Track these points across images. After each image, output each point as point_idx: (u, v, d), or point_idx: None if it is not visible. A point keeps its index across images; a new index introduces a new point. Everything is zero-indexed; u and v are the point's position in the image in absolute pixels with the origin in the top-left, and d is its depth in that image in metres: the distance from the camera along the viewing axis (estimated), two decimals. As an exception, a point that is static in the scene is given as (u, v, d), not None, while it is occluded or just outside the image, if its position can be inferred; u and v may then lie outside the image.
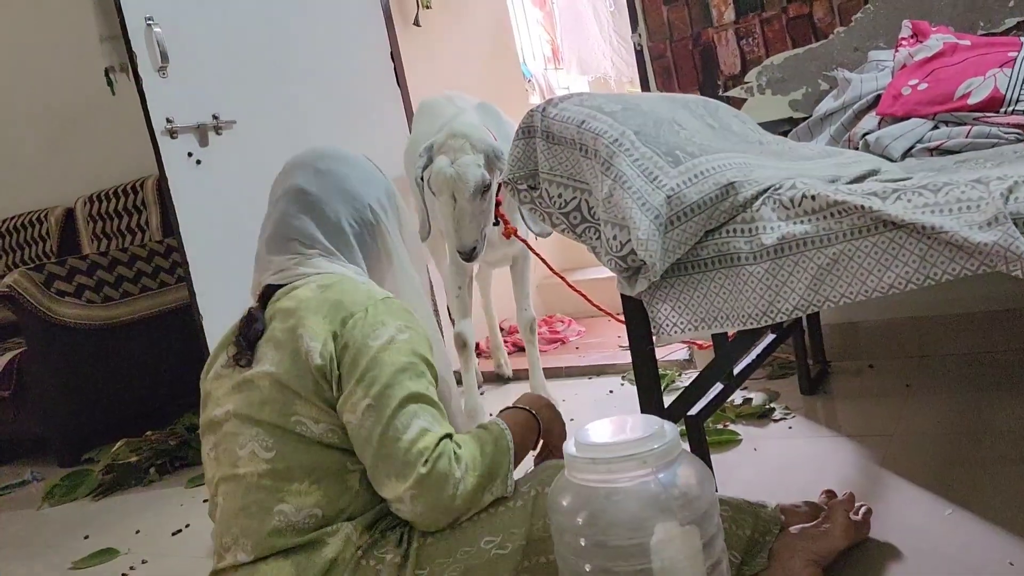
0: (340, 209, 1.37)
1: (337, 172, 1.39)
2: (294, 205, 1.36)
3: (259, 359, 1.26)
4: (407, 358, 1.22)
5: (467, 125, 2.28)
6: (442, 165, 2.25)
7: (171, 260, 3.54)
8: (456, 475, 1.16)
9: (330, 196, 1.37)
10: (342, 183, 1.38)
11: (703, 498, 1.03)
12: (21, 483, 3.22)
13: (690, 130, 1.44)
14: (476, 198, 2.24)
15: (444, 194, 2.28)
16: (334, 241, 1.36)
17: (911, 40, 2.15)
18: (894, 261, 1.15)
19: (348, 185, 1.38)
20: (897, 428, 1.93)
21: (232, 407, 1.27)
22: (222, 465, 1.28)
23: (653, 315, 1.35)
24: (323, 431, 1.21)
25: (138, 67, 2.49)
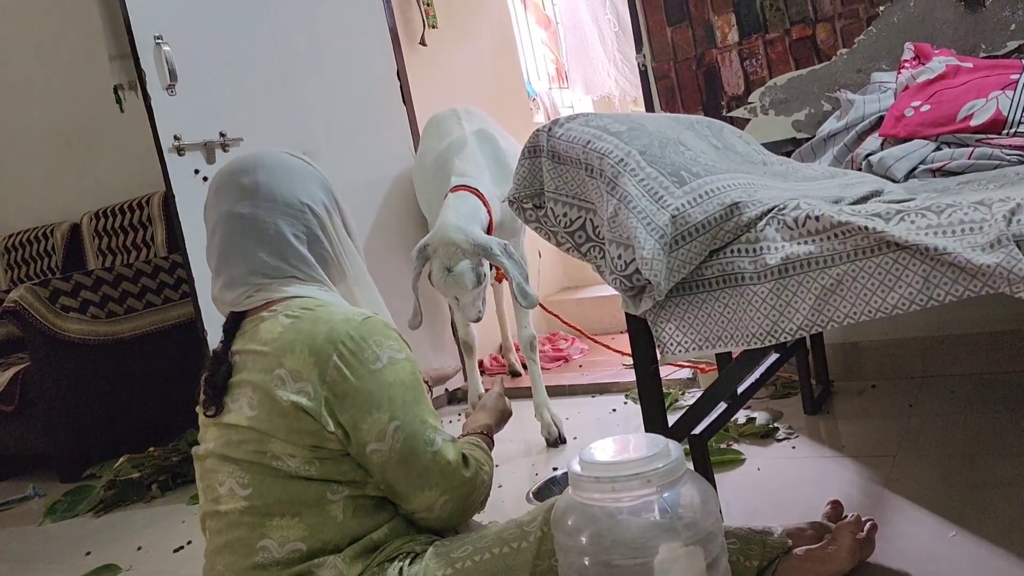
0: (279, 223, 1.27)
1: (262, 183, 1.28)
2: (231, 233, 1.27)
3: (236, 398, 1.23)
4: (411, 377, 1.24)
5: (455, 230, 2.42)
6: (441, 275, 2.45)
7: (175, 276, 3.55)
8: (484, 477, 1.31)
9: (264, 213, 1.27)
10: (271, 193, 1.28)
11: (707, 518, 1.04)
12: (23, 498, 3.22)
13: (695, 150, 1.45)
14: (476, 288, 2.47)
15: (448, 295, 2.52)
16: (286, 260, 1.27)
17: (913, 62, 2.17)
18: (897, 282, 1.16)
19: (278, 193, 1.28)
20: (900, 448, 1.93)
21: (212, 444, 1.26)
22: (207, 500, 1.27)
23: (658, 334, 1.36)
24: (299, 464, 1.20)
25: (147, 85, 2.52)
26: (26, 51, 4.06)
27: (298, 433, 1.19)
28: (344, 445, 1.21)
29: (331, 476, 1.21)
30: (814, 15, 2.42)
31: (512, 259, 2.43)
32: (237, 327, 1.29)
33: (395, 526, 1.26)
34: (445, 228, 2.45)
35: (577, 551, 1.02)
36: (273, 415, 1.19)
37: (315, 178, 1.34)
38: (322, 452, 1.20)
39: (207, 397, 1.26)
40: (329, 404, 1.18)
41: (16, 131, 4.27)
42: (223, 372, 1.25)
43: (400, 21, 3.46)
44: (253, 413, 1.21)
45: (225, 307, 1.31)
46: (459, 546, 1.22)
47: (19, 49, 4.09)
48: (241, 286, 1.27)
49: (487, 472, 1.33)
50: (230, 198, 1.29)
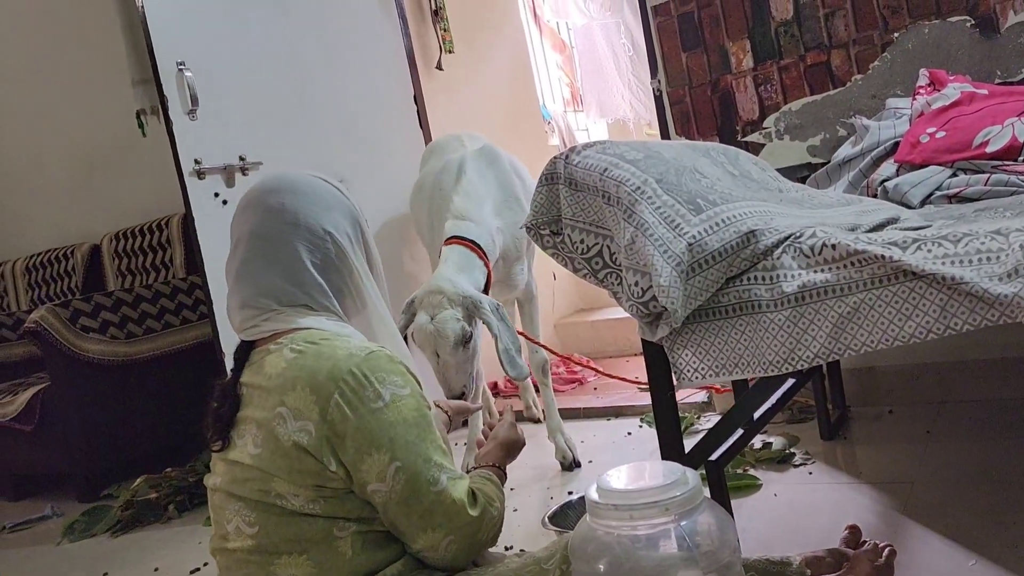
0: (298, 248, 1.25)
1: (288, 206, 1.26)
2: (250, 253, 1.26)
3: (242, 434, 1.21)
4: (415, 413, 1.19)
5: (443, 279, 2.32)
6: (422, 322, 2.28)
7: (194, 297, 3.58)
8: (492, 514, 1.25)
9: (284, 236, 1.24)
10: (295, 217, 1.25)
11: (725, 547, 1.04)
12: (41, 518, 3.24)
13: (711, 178, 1.47)
14: (457, 350, 2.26)
15: (427, 349, 2.30)
16: (299, 286, 1.25)
17: (928, 88, 2.18)
18: (915, 311, 1.16)
19: (302, 217, 1.26)
20: (918, 474, 1.92)
21: (220, 480, 1.25)
22: (216, 535, 1.26)
23: (674, 360, 1.37)
24: (303, 503, 1.18)
25: (169, 110, 2.56)
26: (51, 76, 4.13)
27: (300, 473, 1.16)
28: (347, 484, 1.18)
29: (337, 513, 1.19)
30: (828, 41, 2.44)
31: (504, 322, 2.30)
32: (247, 357, 1.27)
33: (409, 561, 1.23)
34: (435, 279, 2.34)
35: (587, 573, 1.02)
36: (276, 455, 1.17)
37: (343, 207, 1.31)
38: (326, 491, 1.18)
39: (213, 431, 1.24)
40: (330, 443, 1.15)
41: (40, 154, 4.34)
42: (229, 406, 1.23)
43: (417, 45, 3.50)
44: (257, 451, 1.19)
45: (235, 325, 1.30)
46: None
47: (44, 73, 4.16)
48: (250, 308, 1.26)
49: (497, 509, 1.26)
50: (254, 217, 1.27)
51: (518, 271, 2.74)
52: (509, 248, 2.67)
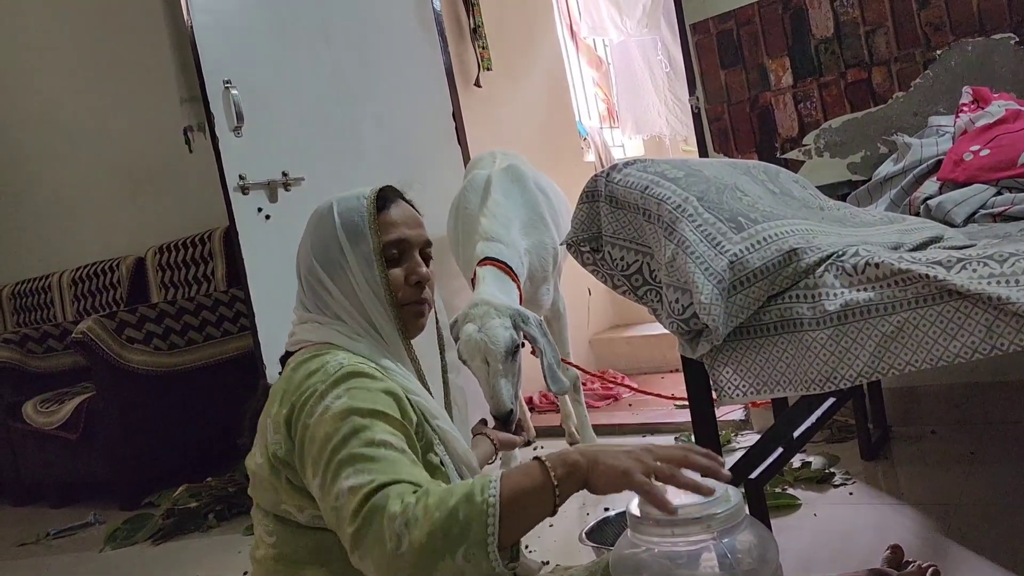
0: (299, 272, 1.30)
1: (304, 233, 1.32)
2: None
3: (257, 442, 1.21)
4: (335, 424, 1.09)
5: (488, 294, 2.33)
6: (470, 332, 2.26)
7: (235, 310, 3.65)
8: (395, 527, 0.96)
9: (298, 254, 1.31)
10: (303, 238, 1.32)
11: (766, 565, 1.03)
12: (84, 525, 3.30)
13: (752, 196, 1.47)
14: (508, 359, 2.24)
15: (475, 359, 2.27)
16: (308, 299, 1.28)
17: (972, 106, 2.16)
18: (960, 330, 1.15)
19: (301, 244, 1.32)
20: (962, 497, 1.89)
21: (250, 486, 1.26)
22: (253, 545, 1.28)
23: (715, 378, 1.37)
24: (309, 518, 1.16)
25: (215, 127, 2.62)
26: (101, 93, 4.25)
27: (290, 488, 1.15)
28: None
29: None
30: (870, 58, 2.43)
31: (547, 337, 2.30)
32: None
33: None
34: (479, 295, 2.35)
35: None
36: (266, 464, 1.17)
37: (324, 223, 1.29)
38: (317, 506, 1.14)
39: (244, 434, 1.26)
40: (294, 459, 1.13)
41: (89, 169, 4.46)
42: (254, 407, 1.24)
43: (456, 63, 3.54)
44: (260, 461, 1.19)
45: None
46: None
47: (94, 91, 4.28)
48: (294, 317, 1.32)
49: (427, 532, 0.95)
50: None
51: (544, 291, 2.75)
52: (535, 268, 2.68)
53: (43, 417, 3.53)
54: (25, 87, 4.66)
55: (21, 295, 4.74)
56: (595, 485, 0.99)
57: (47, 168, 4.68)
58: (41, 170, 4.72)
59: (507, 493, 0.96)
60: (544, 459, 1.01)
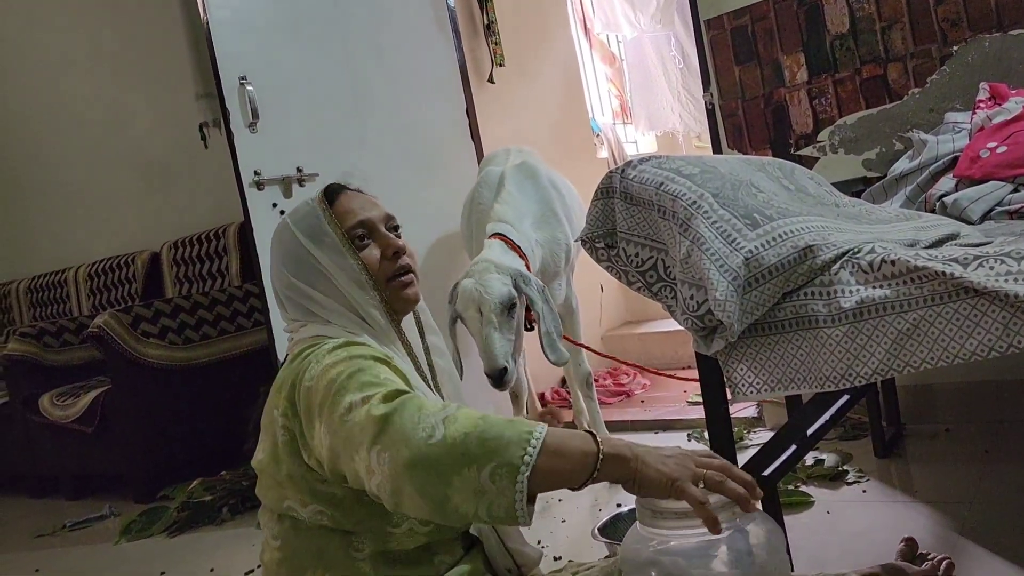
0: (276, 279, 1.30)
1: None
2: None
3: (261, 439, 1.22)
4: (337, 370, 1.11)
5: (491, 257, 2.32)
6: (467, 284, 2.25)
7: (248, 305, 3.67)
8: (431, 419, 0.96)
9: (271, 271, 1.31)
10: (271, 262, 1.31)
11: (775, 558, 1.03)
12: (99, 517, 3.34)
13: (767, 193, 1.47)
14: (503, 313, 2.21)
15: (470, 309, 2.24)
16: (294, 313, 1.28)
17: (989, 103, 2.14)
18: (976, 328, 1.15)
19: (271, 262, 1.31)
20: (976, 495, 1.88)
21: None
22: None
23: (729, 374, 1.37)
24: (312, 513, 1.17)
25: (231, 123, 2.64)
26: (117, 90, 4.27)
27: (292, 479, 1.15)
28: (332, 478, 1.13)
29: (345, 525, 1.16)
30: (885, 54, 2.42)
31: (548, 305, 2.26)
32: None
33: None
34: (481, 258, 2.34)
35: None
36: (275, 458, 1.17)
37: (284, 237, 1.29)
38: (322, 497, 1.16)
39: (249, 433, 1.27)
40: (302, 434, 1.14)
41: (104, 164, 4.49)
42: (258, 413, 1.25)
43: (469, 59, 3.55)
44: (262, 456, 1.20)
45: None
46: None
47: (110, 87, 4.30)
48: None
49: (463, 432, 0.94)
50: None
51: (556, 287, 2.74)
52: (548, 263, 2.67)
53: (59, 410, 3.57)
54: (42, 83, 4.69)
55: (37, 289, 4.79)
56: (639, 484, 0.97)
57: (63, 164, 4.72)
58: (57, 166, 4.76)
59: (552, 440, 0.95)
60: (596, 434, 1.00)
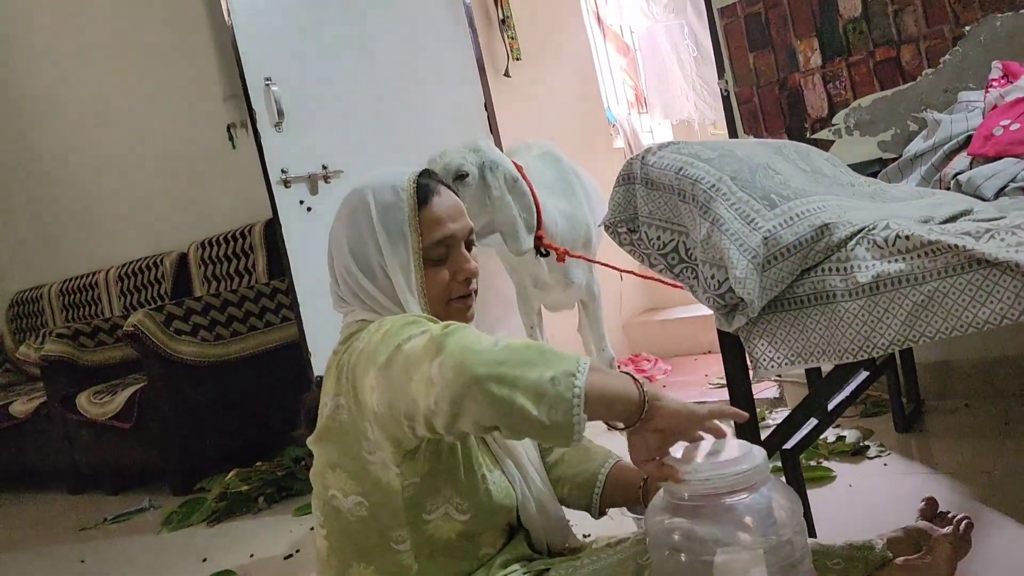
0: (337, 254, 1.29)
1: (335, 221, 1.31)
2: None
3: None
4: (388, 324, 1.13)
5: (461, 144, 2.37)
6: (431, 157, 2.33)
7: (276, 301, 3.75)
8: (488, 337, 1.02)
9: (330, 245, 1.31)
10: (334, 228, 1.31)
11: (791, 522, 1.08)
12: (139, 510, 3.43)
13: (784, 174, 1.52)
14: (455, 184, 2.22)
15: None
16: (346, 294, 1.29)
17: (1002, 81, 2.17)
18: (988, 297, 1.20)
19: (336, 230, 1.30)
20: (996, 465, 1.93)
21: None
22: None
23: (750, 350, 1.42)
24: (352, 505, 1.20)
25: (257, 123, 2.71)
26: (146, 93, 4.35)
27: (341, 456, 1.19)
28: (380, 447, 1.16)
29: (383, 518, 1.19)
30: (898, 36, 2.45)
31: (514, 195, 2.23)
32: None
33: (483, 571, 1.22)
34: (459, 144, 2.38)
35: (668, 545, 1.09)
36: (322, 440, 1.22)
37: (359, 219, 1.27)
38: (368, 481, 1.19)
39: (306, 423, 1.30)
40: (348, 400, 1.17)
41: (132, 167, 4.58)
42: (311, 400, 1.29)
43: (486, 54, 3.61)
44: (315, 438, 1.25)
45: None
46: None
47: (139, 91, 4.39)
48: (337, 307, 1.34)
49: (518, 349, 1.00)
50: None
51: (576, 271, 2.77)
52: (566, 235, 2.68)
53: (97, 408, 3.67)
54: (72, 89, 4.79)
55: (69, 292, 4.90)
56: (659, 416, 1.06)
57: (92, 168, 4.82)
58: (86, 170, 4.86)
59: (596, 366, 1.04)
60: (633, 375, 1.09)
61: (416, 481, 1.21)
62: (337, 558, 1.26)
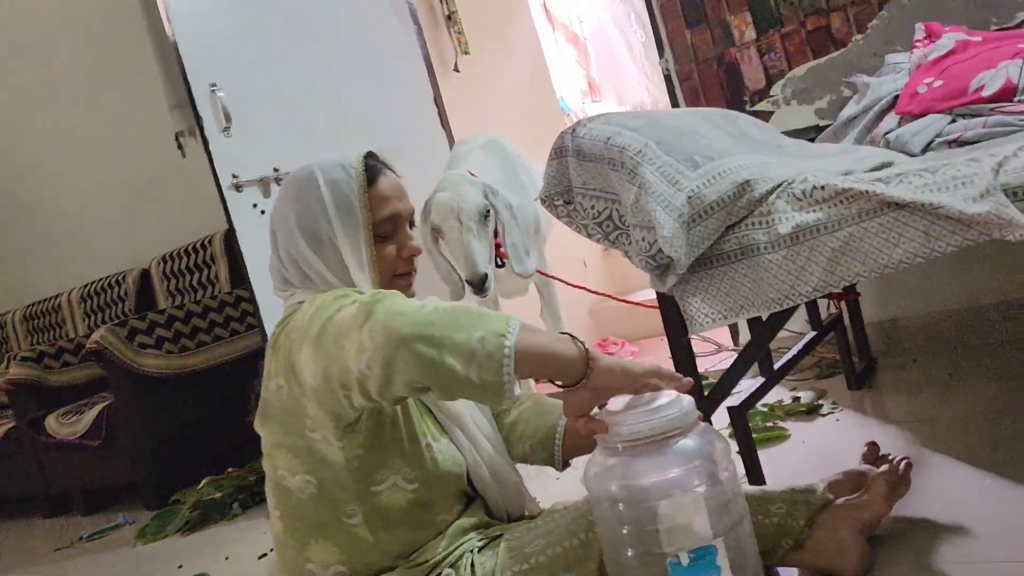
0: (276, 237, 1.33)
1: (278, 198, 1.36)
2: None
3: None
4: (321, 299, 1.18)
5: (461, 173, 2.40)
6: (442, 196, 2.31)
7: (240, 309, 3.75)
8: (417, 302, 1.08)
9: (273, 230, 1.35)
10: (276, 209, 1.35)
11: (721, 463, 1.13)
12: (114, 527, 3.43)
13: (709, 138, 1.57)
14: (481, 222, 2.27)
15: (449, 219, 2.29)
16: (277, 271, 1.33)
17: (925, 41, 2.24)
18: (901, 238, 1.25)
19: (277, 210, 1.34)
20: (940, 413, 1.99)
21: None
22: None
23: (685, 308, 1.47)
24: (300, 483, 1.23)
25: (205, 129, 2.72)
26: (91, 110, 4.35)
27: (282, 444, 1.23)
28: (323, 423, 1.20)
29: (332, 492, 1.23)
30: (827, 5, 2.51)
31: (514, 220, 2.31)
32: None
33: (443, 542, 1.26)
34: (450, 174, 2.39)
35: (605, 497, 1.13)
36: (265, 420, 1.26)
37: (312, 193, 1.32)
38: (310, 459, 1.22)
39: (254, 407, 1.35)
40: (287, 377, 1.21)
41: (86, 187, 4.57)
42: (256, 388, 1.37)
43: (433, 50, 3.63)
44: (260, 422, 1.29)
45: None
46: (531, 540, 1.26)
47: (84, 109, 4.38)
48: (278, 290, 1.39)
49: (443, 310, 1.07)
50: None
51: None
52: None
53: (66, 428, 3.65)
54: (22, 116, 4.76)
55: (33, 317, 4.87)
56: (598, 374, 1.11)
57: (48, 190, 4.80)
58: (42, 193, 4.84)
59: (528, 325, 1.09)
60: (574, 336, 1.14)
61: (360, 454, 1.24)
62: (293, 537, 1.29)
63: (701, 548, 1.09)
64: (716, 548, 1.10)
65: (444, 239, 2.36)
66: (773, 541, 1.34)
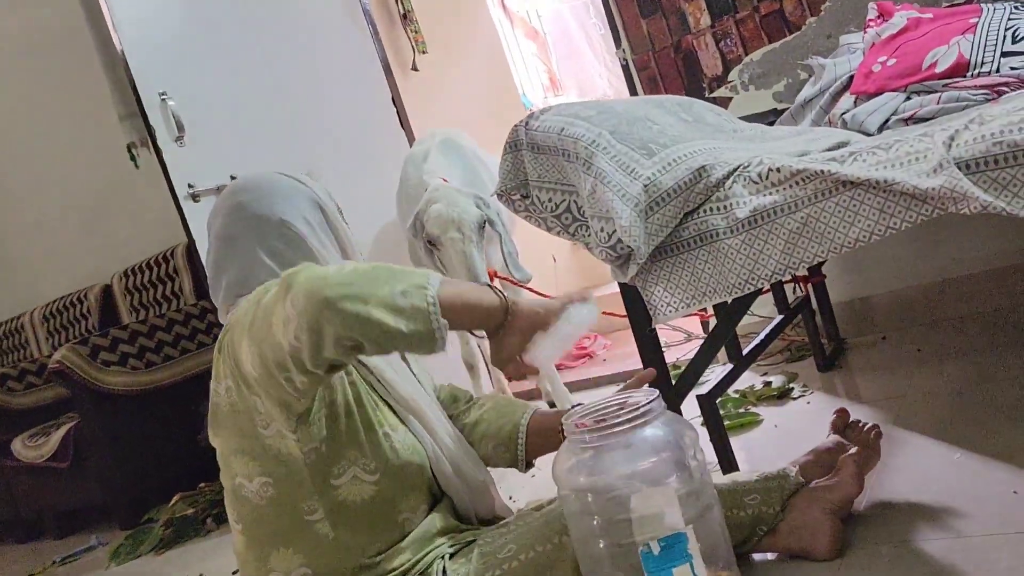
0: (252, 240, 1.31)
1: (244, 203, 1.33)
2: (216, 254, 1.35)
3: None
4: (254, 295, 1.20)
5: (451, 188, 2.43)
6: (440, 209, 2.31)
7: (206, 322, 3.69)
8: (334, 267, 1.10)
9: (241, 232, 1.32)
10: (250, 212, 1.32)
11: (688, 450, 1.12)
12: (87, 549, 3.35)
13: (663, 124, 1.55)
14: (479, 232, 2.31)
15: (450, 231, 2.30)
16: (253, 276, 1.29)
17: (878, 20, 2.24)
18: (857, 217, 1.24)
19: (256, 211, 1.32)
20: (909, 389, 1.99)
21: None
22: None
23: (648, 298, 1.45)
24: (259, 487, 1.22)
25: (157, 140, 2.67)
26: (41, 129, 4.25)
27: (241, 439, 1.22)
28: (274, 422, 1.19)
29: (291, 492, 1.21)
30: (779, -11, 2.51)
31: (507, 232, 2.39)
32: None
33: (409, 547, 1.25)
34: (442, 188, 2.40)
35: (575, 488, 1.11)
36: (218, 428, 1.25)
37: (300, 195, 1.36)
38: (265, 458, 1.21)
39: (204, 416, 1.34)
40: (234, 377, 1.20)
41: (41, 205, 4.47)
42: None
43: (390, 50, 3.60)
44: (212, 431, 1.27)
45: (221, 318, 1.38)
46: (503, 545, 1.25)
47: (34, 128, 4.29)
48: (220, 302, 1.35)
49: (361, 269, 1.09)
50: (219, 220, 1.37)
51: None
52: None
53: (32, 451, 3.57)
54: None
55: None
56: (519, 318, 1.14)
57: (6, 214, 4.69)
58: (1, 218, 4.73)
59: (454, 290, 1.11)
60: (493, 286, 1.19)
61: (316, 446, 1.22)
62: (254, 551, 1.26)
63: (671, 536, 1.07)
64: (687, 535, 1.09)
65: (442, 250, 2.36)
66: (749, 531, 1.33)
